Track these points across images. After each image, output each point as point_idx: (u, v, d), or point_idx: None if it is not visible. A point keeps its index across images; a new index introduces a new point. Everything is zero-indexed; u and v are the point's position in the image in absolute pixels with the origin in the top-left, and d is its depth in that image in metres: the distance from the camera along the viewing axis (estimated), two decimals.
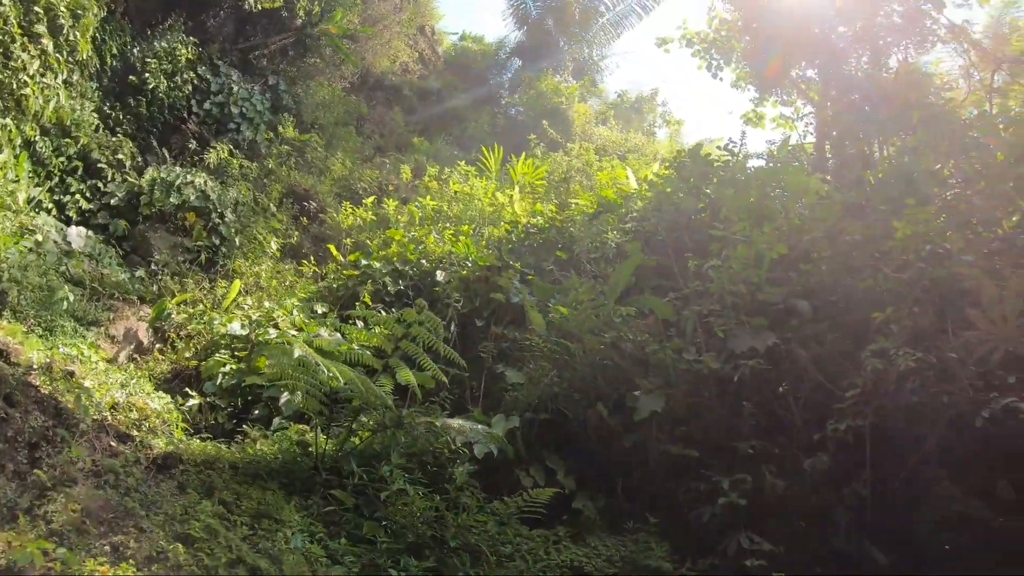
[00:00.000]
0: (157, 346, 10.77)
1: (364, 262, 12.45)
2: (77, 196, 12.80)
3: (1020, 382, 6.12)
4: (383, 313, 9.99)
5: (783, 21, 14.29)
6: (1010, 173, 7.48)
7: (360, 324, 9.89)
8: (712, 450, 7.82)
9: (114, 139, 13.83)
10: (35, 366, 7.28)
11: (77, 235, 11.91)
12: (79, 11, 12.59)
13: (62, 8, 12.16)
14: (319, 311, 11.55)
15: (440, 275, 11.38)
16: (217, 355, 9.92)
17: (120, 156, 13.67)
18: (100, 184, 13.23)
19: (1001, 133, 8.52)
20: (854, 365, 6.84)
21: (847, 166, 9.88)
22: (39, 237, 10.91)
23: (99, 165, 13.25)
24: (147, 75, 15.02)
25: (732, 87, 15.57)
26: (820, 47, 13.97)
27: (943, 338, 6.35)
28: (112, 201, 13.11)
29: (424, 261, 12.04)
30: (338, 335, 9.65)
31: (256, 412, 9.08)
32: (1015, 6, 15.40)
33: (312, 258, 14.52)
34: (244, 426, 8.44)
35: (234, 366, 9.64)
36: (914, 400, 6.40)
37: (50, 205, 12.33)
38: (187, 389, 9.31)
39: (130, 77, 14.98)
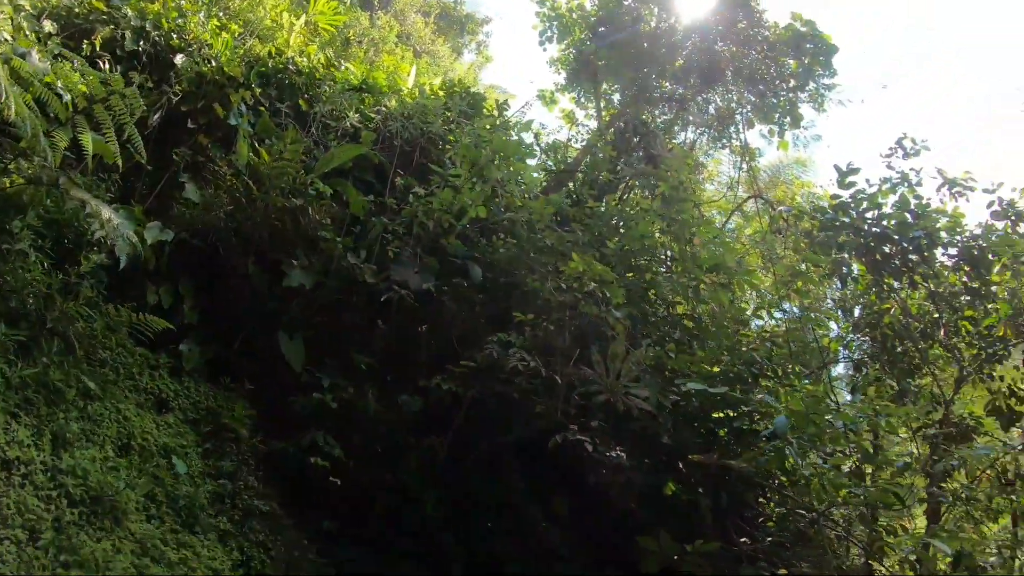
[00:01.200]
0: None
1: (117, 1, 11.26)
2: None
3: (601, 428, 6.95)
4: (104, 65, 9.14)
5: (627, 43, 15.01)
6: (690, 276, 8.41)
7: (74, 64, 8.94)
8: (334, 348, 8.13)
9: None
10: None
11: None
12: None
13: None
14: (47, 29, 10.24)
15: (180, 59, 10.53)
16: None
17: None
18: None
19: (716, 244, 9.54)
20: (485, 343, 7.40)
21: (586, 187, 10.55)
22: None
23: None
24: None
25: (548, 64, 16.10)
26: (641, 86, 14.85)
27: (564, 363, 7.04)
28: None
29: (176, 36, 11.08)
30: (48, 65, 8.63)
31: None
32: (802, 167, 17.57)
33: None
34: None
35: None
36: (515, 396, 7.05)
37: None
38: None
39: None
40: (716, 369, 7.71)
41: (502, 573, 7.44)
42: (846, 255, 9.59)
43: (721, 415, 7.72)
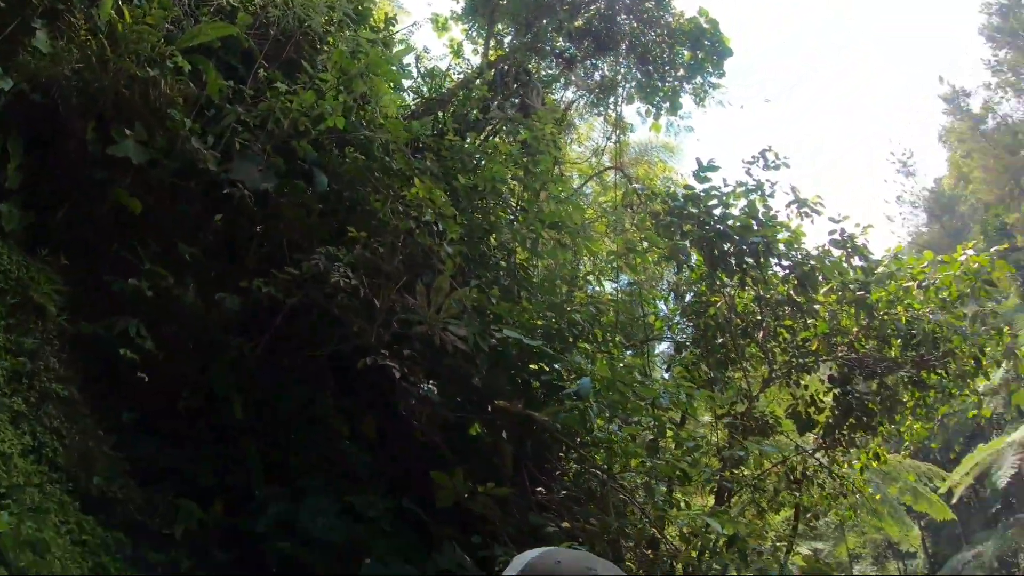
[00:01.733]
0: None
1: None
2: None
3: (413, 358, 7.01)
4: None
5: None
6: (531, 228, 8.54)
7: None
8: (161, 234, 7.80)
9: None
10: None
11: None
12: None
13: None
14: None
15: None
16: None
17: None
18: None
19: (566, 203, 9.72)
20: (315, 253, 7.25)
21: (452, 121, 10.45)
22: None
23: None
24: None
25: None
26: (535, 35, 14.83)
27: (389, 288, 7.02)
28: None
29: None
30: None
31: None
32: (669, 153, 18.15)
33: None
34: None
35: None
36: (335, 312, 7.01)
37: None
38: None
39: None
40: (539, 322, 7.86)
41: (298, 487, 7.41)
42: (687, 243, 9.99)
43: (537, 368, 7.90)
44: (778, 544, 13.73)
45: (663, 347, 12.83)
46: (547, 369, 7.86)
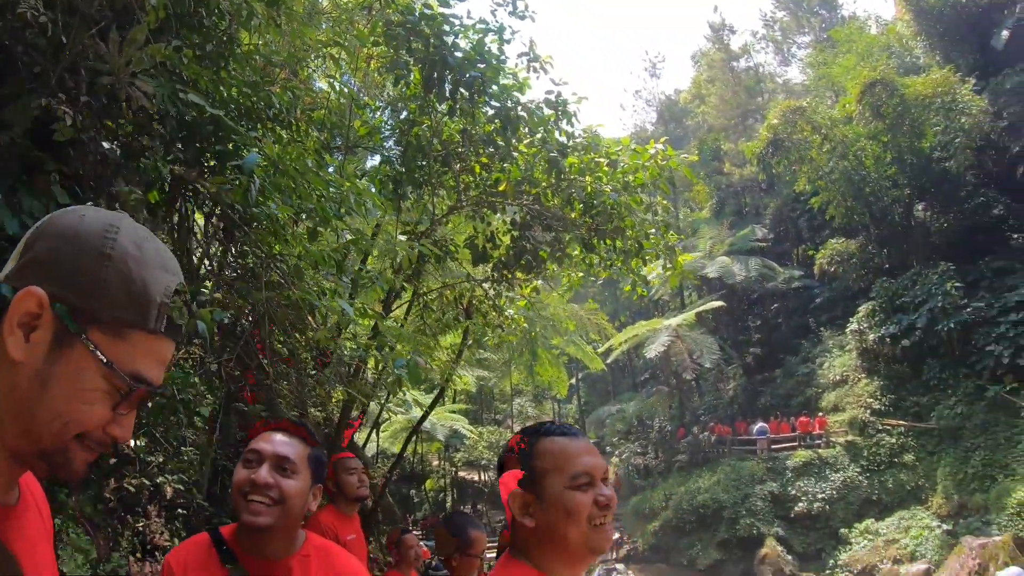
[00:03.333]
0: None
1: None
2: None
3: (91, 107, 6.84)
4: None
5: None
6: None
7: None
8: None
9: None
10: None
11: None
12: None
13: None
14: None
15: None
16: None
17: None
18: None
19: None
20: None
21: None
22: None
23: None
24: None
25: None
26: None
27: (83, 30, 6.69)
28: None
29: None
30: None
31: None
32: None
33: None
34: None
35: None
36: (18, 50, 6.58)
37: None
38: None
39: None
40: (235, 93, 7.85)
41: None
42: (411, 60, 10.29)
43: (223, 141, 7.95)
44: (441, 363, 15.04)
45: (374, 160, 13.14)
46: (229, 142, 7.88)
